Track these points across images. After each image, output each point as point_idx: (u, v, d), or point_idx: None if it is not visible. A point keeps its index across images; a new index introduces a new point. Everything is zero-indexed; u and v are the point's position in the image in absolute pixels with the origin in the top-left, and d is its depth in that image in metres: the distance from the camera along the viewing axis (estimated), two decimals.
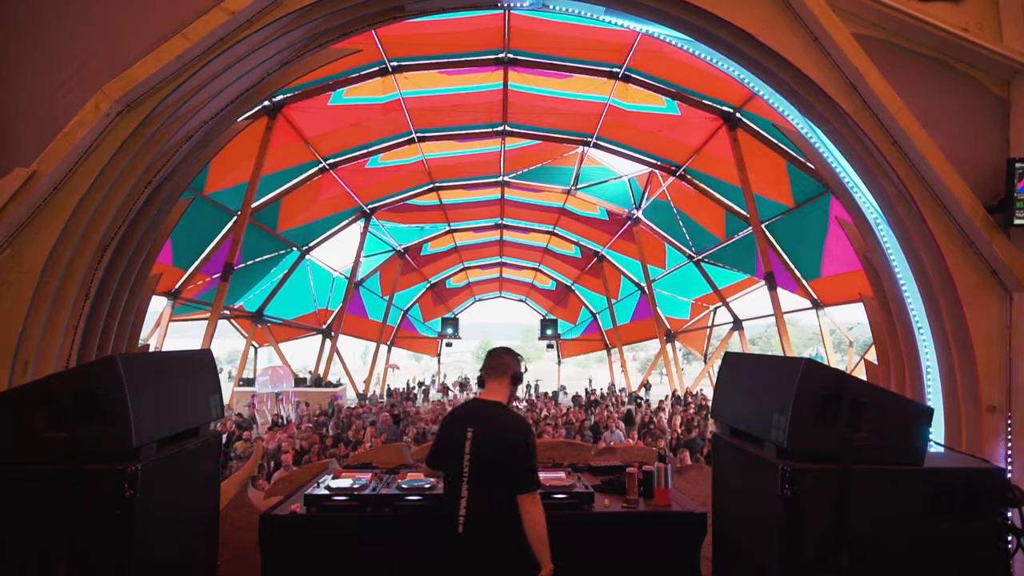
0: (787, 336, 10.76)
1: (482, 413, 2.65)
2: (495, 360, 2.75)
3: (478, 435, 2.55)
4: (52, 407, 2.13)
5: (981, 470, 2.25)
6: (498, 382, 2.71)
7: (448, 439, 2.64)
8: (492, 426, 2.57)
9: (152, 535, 2.23)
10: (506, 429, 2.56)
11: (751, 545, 2.50)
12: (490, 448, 2.52)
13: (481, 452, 2.53)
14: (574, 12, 5.00)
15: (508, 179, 15.14)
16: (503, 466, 2.49)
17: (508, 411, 2.67)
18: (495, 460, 2.51)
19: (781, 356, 3.35)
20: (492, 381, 2.72)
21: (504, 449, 2.51)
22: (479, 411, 2.66)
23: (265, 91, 4.83)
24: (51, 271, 3.48)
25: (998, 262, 3.62)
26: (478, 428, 2.57)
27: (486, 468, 2.51)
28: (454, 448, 2.57)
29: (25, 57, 3.52)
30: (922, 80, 3.82)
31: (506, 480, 2.48)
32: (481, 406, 2.69)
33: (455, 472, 2.55)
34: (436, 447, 2.76)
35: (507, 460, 2.49)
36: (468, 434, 2.56)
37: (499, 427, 2.57)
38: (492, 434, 2.55)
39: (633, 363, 29.87)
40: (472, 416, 2.65)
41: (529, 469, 2.50)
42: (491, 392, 2.71)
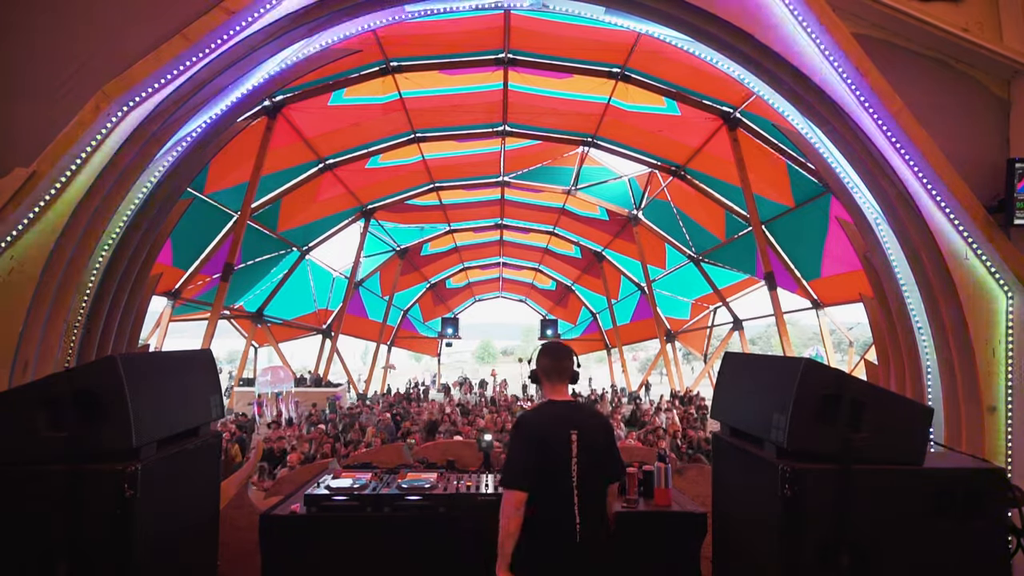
0: (787, 336, 10.76)
1: (576, 415, 2.51)
2: (562, 363, 2.61)
3: (583, 438, 2.44)
4: (52, 407, 2.13)
5: (981, 470, 2.25)
6: (563, 384, 2.61)
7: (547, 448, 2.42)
8: (592, 426, 2.50)
9: (152, 535, 2.23)
10: (602, 426, 2.56)
11: (751, 545, 2.50)
12: (592, 449, 2.45)
13: (586, 455, 2.42)
14: (574, 12, 5.00)
15: (508, 179, 15.13)
16: (603, 464, 2.49)
17: (592, 407, 2.67)
18: (597, 460, 2.47)
19: (781, 356, 3.35)
20: (560, 384, 2.60)
21: (604, 446, 2.51)
22: (573, 414, 2.52)
23: (265, 91, 4.83)
24: (51, 271, 3.48)
25: (998, 262, 3.62)
26: (582, 431, 2.45)
27: (592, 470, 2.44)
28: (555, 456, 2.40)
29: (25, 57, 3.52)
30: (922, 80, 3.82)
31: (604, 476, 2.51)
32: (572, 408, 2.56)
33: (561, 480, 2.39)
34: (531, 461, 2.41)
35: (605, 456, 2.50)
36: (573, 438, 2.43)
37: (597, 426, 2.53)
38: (592, 434, 2.48)
39: (633, 363, 29.86)
40: (570, 420, 2.49)
41: (618, 455, 2.59)
42: (562, 393, 2.60)
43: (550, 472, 2.39)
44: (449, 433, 9.72)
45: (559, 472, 2.38)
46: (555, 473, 2.38)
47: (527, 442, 2.44)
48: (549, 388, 2.61)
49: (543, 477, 2.38)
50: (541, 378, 2.64)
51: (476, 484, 3.24)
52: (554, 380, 2.59)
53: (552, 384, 2.60)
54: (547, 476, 2.38)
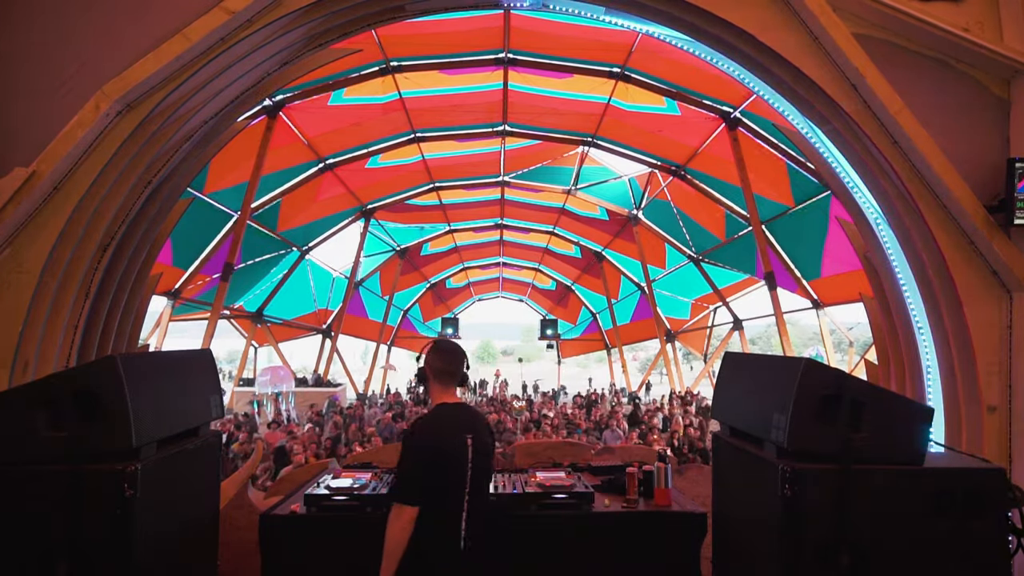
0: (787, 336, 10.76)
1: (470, 419, 2.42)
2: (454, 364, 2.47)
3: (476, 443, 2.36)
4: (52, 407, 2.13)
5: (981, 470, 2.25)
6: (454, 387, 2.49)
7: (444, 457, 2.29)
8: (483, 429, 2.43)
9: (152, 535, 2.23)
10: (488, 428, 2.50)
11: (751, 545, 2.50)
12: (484, 453, 2.39)
13: (480, 460, 2.35)
14: (574, 12, 5.00)
15: (508, 179, 15.13)
16: (490, 467, 2.47)
17: (478, 410, 2.65)
18: (487, 464, 2.42)
19: (781, 356, 3.35)
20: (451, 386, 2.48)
21: (492, 448, 2.49)
22: (467, 418, 2.42)
23: (265, 91, 4.83)
24: (51, 271, 3.48)
25: (998, 262, 3.62)
26: (475, 435, 2.36)
27: (483, 475, 2.39)
28: (452, 465, 2.29)
29: (25, 57, 3.52)
30: (922, 80, 3.82)
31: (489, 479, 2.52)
32: (464, 411, 2.47)
33: (455, 489, 2.28)
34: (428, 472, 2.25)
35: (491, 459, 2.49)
36: (469, 443, 2.33)
37: (486, 428, 2.47)
38: (484, 437, 2.42)
39: (633, 363, 29.86)
40: (465, 424, 2.38)
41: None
42: (453, 395, 2.49)
43: (446, 482, 2.26)
44: None
45: (455, 481, 2.26)
46: (451, 483, 2.26)
47: (423, 452, 2.26)
48: (439, 390, 2.45)
49: (438, 488, 2.25)
50: (430, 378, 2.47)
51: None
52: (446, 381, 2.45)
53: (443, 386, 2.46)
54: (442, 487, 2.26)
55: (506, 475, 3.52)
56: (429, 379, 2.48)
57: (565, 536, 3.05)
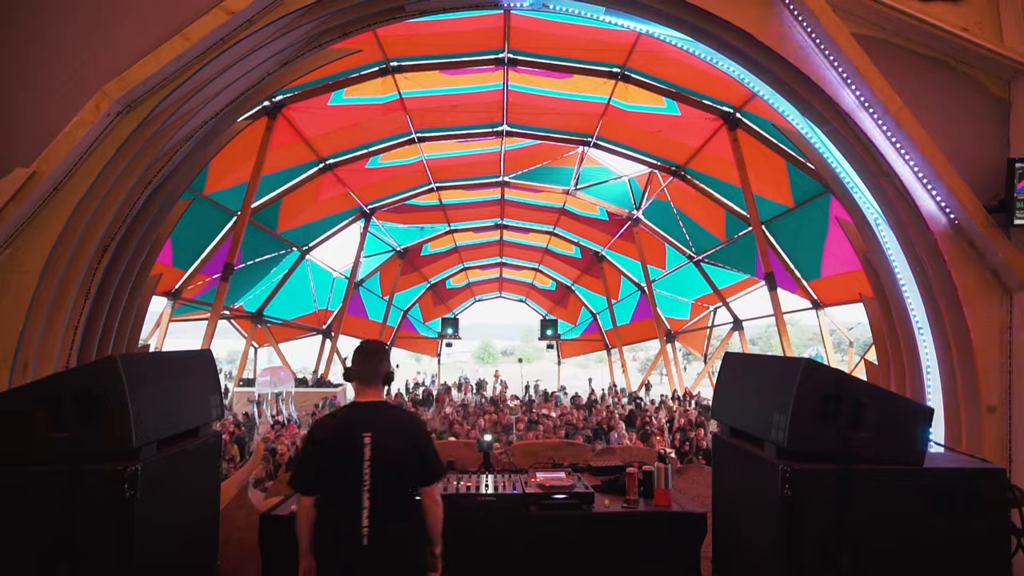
0: (787, 336, 10.75)
1: (377, 416, 2.49)
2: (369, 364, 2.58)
3: (379, 439, 2.41)
4: (52, 407, 2.13)
5: (981, 470, 2.25)
6: (373, 386, 2.57)
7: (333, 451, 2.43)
8: (391, 428, 2.46)
9: (152, 535, 2.23)
10: (406, 429, 2.50)
11: (751, 545, 2.50)
12: (389, 451, 2.41)
13: (383, 457, 2.40)
14: (574, 12, 5.00)
15: (508, 179, 15.12)
16: (404, 467, 2.43)
17: (399, 408, 2.67)
18: (395, 463, 2.41)
19: (781, 356, 3.35)
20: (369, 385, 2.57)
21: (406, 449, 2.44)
22: (371, 416, 2.50)
23: (265, 91, 4.83)
24: (51, 271, 3.48)
25: (998, 262, 3.62)
26: (378, 432, 2.42)
27: (388, 472, 2.40)
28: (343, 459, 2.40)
29: (25, 57, 3.52)
30: (922, 80, 3.82)
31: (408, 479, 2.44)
32: (372, 409, 2.53)
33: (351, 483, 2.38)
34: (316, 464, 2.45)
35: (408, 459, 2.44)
36: (366, 440, 2.40)
37: (398, 429, 2.48)
38: (391, 436, 2.44)
39: (633, 363, 29.85)
40: (364, 422, 2.46)
41: (437, 459, 2.52)
42: (370, 394, 2.56)
43: (337, 475, 2.39)
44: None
45: (348, 475, 2.37)
46: (343, 476, 2.37)
47: (314, 445, 2.47)
48: (359, 389, 2.58)
49: (329, 480, 2.40)
50: (353, 379, 2.60)
51: (476, 484, 3.24)
52: (363, 381, 2.57)
53: (361, 385, 2.57)
54: (333, 479, 2.39)
55: (506, 475, 3.52)
56: (353, 379, 2.61)
57: (565, 536, 3.05)
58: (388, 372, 2.62)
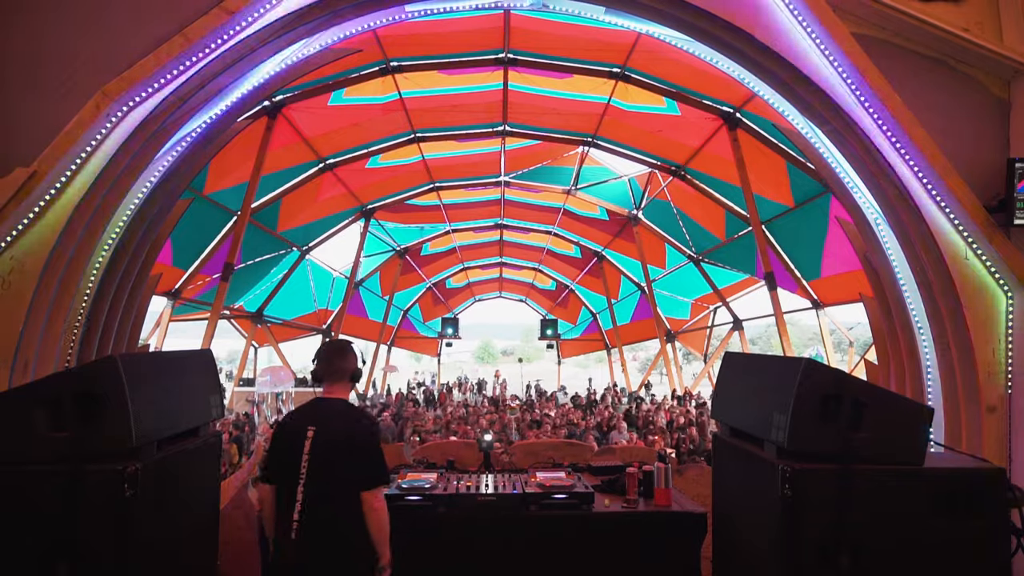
0: (787, 336, 10.75)
1: (327, 412, 2.52)
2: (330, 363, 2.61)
3: (321, 435, 2.43)
4: (52, 407, 2.13)
5: (981, 470, 2.25)
6: (336, 383, 2.60)
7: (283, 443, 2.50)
8: (336, 425, 2.46)
9: (152, 535, 2.23)
10: (352, 429, 2.47)
11: (751, 545, 2.50)
12: (331, 448, 2.41)
13: (323, 452, 2.41)
14: (574, 12, 5.00)
15: (508, 179, 15.12)
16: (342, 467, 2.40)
17: (352, 406, 2.63)
18: (335, 461, 2.40)
19: (781, 356, 3.36)
20: (332, 383, 2.60)
21: (348, 449, 2.41)
22: (320, 412, 2.53)
23: (265, 91, 4.83)
24: (51, 271, 3.48)
25: (998, 262, 3.62)
26: (321, 427, 2.45)
27: (327, 469, 2.40)
28: (288, 451, 2.45)
29: (26, 57, 3.52)
30: (922, 80, 3.83)
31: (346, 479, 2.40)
32: (325, 406, 2.56)
33: (290, 475, 2.41)
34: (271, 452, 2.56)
35: (349, 460, 2.40)
36: (309, 434, 2.44)
37: (344, 427, 2.47)
38: (335, 433, 2.44)
39: (633, 363, 29.84)
40: (313, 415, 2.52)
41: (380, 463, 2.47)
42: (332, 391, 2.60)
43: (282, 466, 2.46)
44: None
45: (289, 467, 2.42)
46: (287, 467, 2.44)
47: (273, 437, 2.61)
48: (324, 388, 2.62)
49: (278, 470, 2.49)
50: (317, 378, 2.65)
51: (476, 484, 3.24)
52: (325, 379, 2.61)
53: (325, 383, 2.62)
54: (280, 470, 2.48)
55: (506, 475, 3.52)
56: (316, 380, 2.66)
57: (565, 536, 3.05)
58: (354, 370, 2.64)
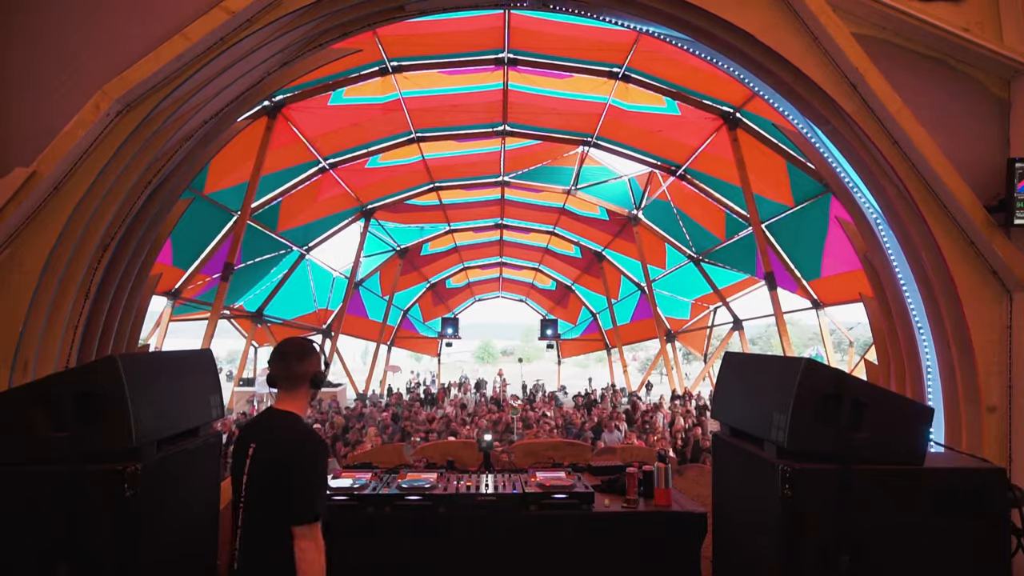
0: (787, 336, 10.75)
1: (270, 424, 2.19)
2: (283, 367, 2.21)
3: (259, 452, 2.11)
4: (52, 407, 2.13)
5: (981, 470, 2.25)
6: (290, 392, 2.21)
7: (234, 459, 2.19)
8: (274, 445, 2.10)
9: (152, 535, 2.23)
10: (289, 450, 2.06)
11: (751, 545, 2.50)
12: (267, 468, 2.07)
13: (259, 472, 2.09)
14: (574, 12, 5.00)
15: (508, 179, 15.12)
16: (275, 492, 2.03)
17: (298, 421, 2.18)
18: (269, 485, 2.05)
19: (781, 356, 3.35)
20: (285, 391, 2.21)
21: (282, 472, 2.03)
22: (263, 426, 2.21)
23: (265, 91, 4.83)
24: (51, 271, 3.48)
25: (998, 262, 3.62)
26: (260, 443, 2.13)
27: (261, 492, 2.07)
28: (234, 467, 2.17)
29: (25, 57, 3.52)
30: (922, 80, 3.82)
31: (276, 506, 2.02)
32: (270, 416, 2.22)
33: (236, 493, 2.14)
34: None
35: (283, 484, 2.02)
36: (250, 451, 2.12)
37: (282, 447, 2.08)
38: (273, 449, 2.09)
39: (633, 363, 29.84)
40: (257, 428, 2.21)
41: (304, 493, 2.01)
42: (285, 401, 2.21)
43: (232, 484, 2.18)
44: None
45: (235, 486, 2.15)
46: (234, 486, 2.16)
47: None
48: (278, 394, 2.23)
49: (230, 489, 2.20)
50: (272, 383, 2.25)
51: (476, 484, 3.24)
52: (279, 384, 2.22)
53: (279, 389, 2.22)
54: (231, 488, 2.19)
55: (506, 475, 3.52)
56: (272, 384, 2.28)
57: (565, 536, 3.06)
58: (314, 374, 2.23)
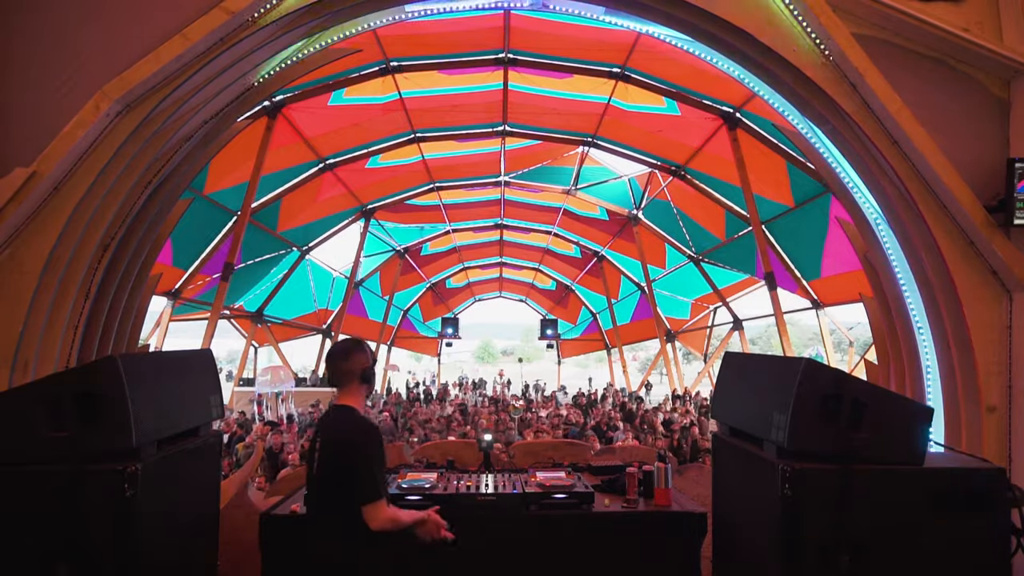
0: (787, 336, 10.75)
1: (329, 421, 2.43)
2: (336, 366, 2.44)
3: (325, 447, 2.33)
4: (52, 407, 2.13)
5: (981, 470, 2.25)
6: (346, 387, 2.42)
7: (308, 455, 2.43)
8: (335, 437, 2.34)
9: (152, 535, 2.23)
10: (348, 440, 2.29)
11: (751, 545, 2.50)
12: (332, 459, 2.29)
13: (325, 463, 2.30)
14: (574, 12, 5.01)
15: (508, 179, 15.12)
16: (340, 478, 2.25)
17: (353, 414, 2.36)
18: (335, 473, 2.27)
19: (781, 356, 3.35)
20: (342, 387, 2.43)
21: (345, 461, 2.25)
22: (328, 421, 2.44)
23: (265, 91, 4.83)
24: (51, 271, 3.48)
25: (998, 262, 3.62)
26: (323, 438, 2.36)
27: (329, 481, 2.29)
28: (308, 462, 2.39)
29: (25, 57, 3.52)
30: (922, 80, 3.82)
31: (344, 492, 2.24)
32: (330, 413, 2.47)
33: (309, 486, 2.38)
34: None
35: (346, 472, 2.24)
36: (317, 445, 2.35)
37: (342, 438, 2.32)
38: (334, 442, 2.32)
39: (633, 363, 29.84)
40: (322, 426, 2.45)
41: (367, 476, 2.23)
42: (343, 396, 2.43)
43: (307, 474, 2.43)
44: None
45: (309, 478, 2.41)
46: (308, 476, 2.42)
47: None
48: (337, 392, 2.46)
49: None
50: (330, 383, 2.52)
51: (476, 484, 3.24)
52: (334, 383, 2.46)
53: (336, 388, 2.45)
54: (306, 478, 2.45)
55: (506, 475, 3.52)
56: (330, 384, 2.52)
57: (565, 536, 3.05)
58: (363, 370, 2.43)
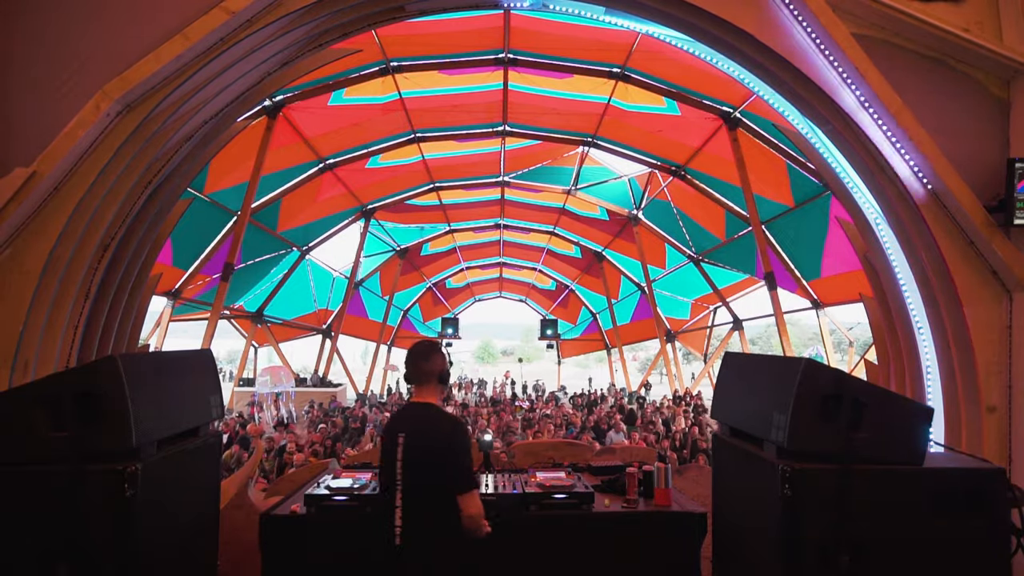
0: (787, 336, 10.76)
1: (413, 417, 2.57)
2: (416, 366, 2.62)
3: (410, 440, 2.47)
4: (52, 407, 2.13)
5: (981, 470, 2.25)
6: (424, 386, 2.61)
7: (383, 449, 2.56)
8: (424, 430, 2.49)
9: (152, 535, 2.23)
10: (441, 432, 2.46)
11: (751, 545, 2.50)
12: (423, 452, 2.44)
13: (414, 457, 2.44)
14: (574, 12, 5.00)
15: (508, 179, 15.13)
16: (434, 471, 2.42)
17: (438, 411, 2.57)
18: (427, 466, 2.42)
19: (781, 356, 3.36)
20: (420, 385, 2.62)
21: (438, 453, 2.43)
22: (410, 416, 2.58)
23: (265, 91, 4.83)
24: (51, 271, 3.48)
25: (998, 262, 3.62)
26: (409, 433, 2.49)
27: (420, 474, 2.43)
28: (386, 457, 2.50)
29: (26, 57, 3.52)
30: (922, 80, 3.82)
31: (438, 484, 2.41)
32: (411, 409, 2.61)
33: (389, 480, 2.47)
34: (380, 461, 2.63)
35: (439, 464, 2.42)
36: (400, 440, 2.48)
37: (432, 431, 2.48)
38: (424, 437, 2.47)
39: (633, 363, 29.83)
40: (403, 421, 2.57)
41: (464, 467, 2.44)
42: (422, 394, 2.61)
43: (383, 473, 2.52)
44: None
45: (388, 472, 2.48)
46: (386, 474, 2.49)
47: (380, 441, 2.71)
48: (414, 391, 2.66)
49: (381, 477, 2.56)
50: (408, 381, 2.70)
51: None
52: (413, 382, 2.65)
53: (414, 386, 2.65)
54: (382, 477, 2.54)
55: (506, 475, 3.52)
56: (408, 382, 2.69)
57: (565, 536, 3.05)
58: (440, 371, 2.62)
